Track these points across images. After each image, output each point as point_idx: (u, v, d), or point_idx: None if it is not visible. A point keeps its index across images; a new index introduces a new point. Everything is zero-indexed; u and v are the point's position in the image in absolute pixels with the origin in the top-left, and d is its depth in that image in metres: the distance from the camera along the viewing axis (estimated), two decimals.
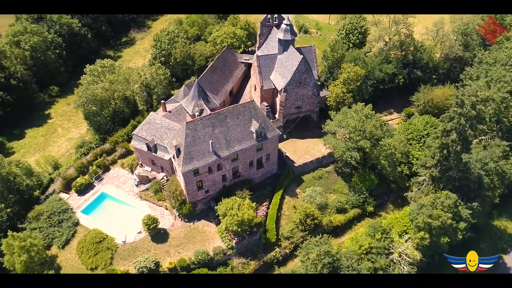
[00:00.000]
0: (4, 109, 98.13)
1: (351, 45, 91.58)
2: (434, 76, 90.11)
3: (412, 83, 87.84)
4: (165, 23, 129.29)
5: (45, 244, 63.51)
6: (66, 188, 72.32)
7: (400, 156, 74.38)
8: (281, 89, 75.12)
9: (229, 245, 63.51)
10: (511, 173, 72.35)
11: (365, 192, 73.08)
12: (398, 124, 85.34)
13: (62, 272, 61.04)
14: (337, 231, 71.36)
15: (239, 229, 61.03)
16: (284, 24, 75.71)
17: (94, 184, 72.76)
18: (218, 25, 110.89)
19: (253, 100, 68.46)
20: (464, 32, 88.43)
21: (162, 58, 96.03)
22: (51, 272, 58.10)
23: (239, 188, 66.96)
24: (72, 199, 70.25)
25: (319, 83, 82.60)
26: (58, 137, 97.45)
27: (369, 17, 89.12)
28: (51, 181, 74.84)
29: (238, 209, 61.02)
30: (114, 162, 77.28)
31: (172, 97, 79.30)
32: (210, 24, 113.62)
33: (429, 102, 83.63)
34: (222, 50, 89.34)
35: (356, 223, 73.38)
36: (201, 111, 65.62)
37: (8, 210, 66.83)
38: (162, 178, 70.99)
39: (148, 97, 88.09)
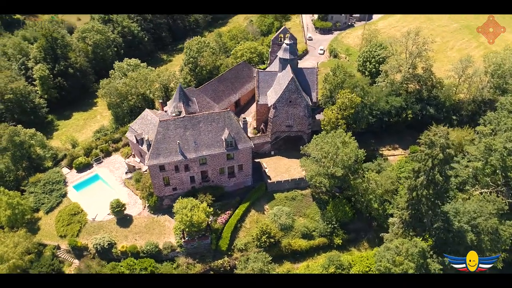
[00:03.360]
0: (60, 93, 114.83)
1: (366, 73, 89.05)
2: (454, 117, 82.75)
3: (426, 121, 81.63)
4: (227, 34, 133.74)
5: (34, 207, 73.33)
6: (71, 164, 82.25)
7: (380, 192, 70.14)
8: (271, 105, 76.38)
9: (178, 242, 66.29)
10: (506, 236, 63.09)
11: (334, 223, 70.08)
12: (399, 160, 79.94)
13: (37, 234, 69.69)
14: (296, 255, 69.46)
15: (187, 229, 63.62)
16: (285, 43, 77.20)
17: (93, 165, 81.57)
18: (258, 41, 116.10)
19: (229, 109, 70.96)
20: (494, 73, 79.92)
21: (190, 65, 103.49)
22: (24, 231, 66.79)
23: (204, 192, 69.40)
24: (71, 174, 79.76)
25: (318, 105, 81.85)
26: (95, 122, 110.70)
27: (389, 46, 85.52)
28: (65, 156, 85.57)
29: (191, 210, 63.64)
30: (117, 150, 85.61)
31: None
32: (249, 39, 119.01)
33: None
34: (238, 63, 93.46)
35: (321, 253, 70.45)
36: (179, 113, 70.15)
37: (18, 173, 78.88)
38: (146, 170, 76.79)
39: (165, 97, 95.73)
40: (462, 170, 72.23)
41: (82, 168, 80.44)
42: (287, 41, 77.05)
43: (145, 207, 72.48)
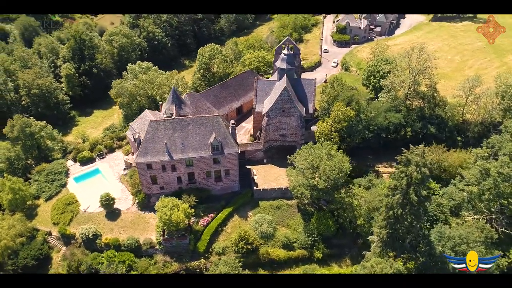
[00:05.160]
0: (84, 91, 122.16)
1: (370, 88, 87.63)
2: (459, 138, 79.26)
3: (427, 140, 78.65)
4: (244, 42, 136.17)
5: (36, 194, 78.34)
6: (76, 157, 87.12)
7: (366, 209, 68.39)
8: (264, 113, 77.05)
9: (158, 240, 68.09)
10: (493, 267, 59.00)
11: (315, 236, 69.01)
12: None
13: (34, 219, 74.35)
14: (274, 265, 68.92)
15: (165, 227, 65.40)
16: (283, 53, 77.89)
17: (96, 159, 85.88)
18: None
19: (219, 114, 72.38)
20: (505, 95, 75.76)
21: (202, 71, 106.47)
22: (20, 215, 71.60)
23: (190, 193, 70.93)
24: (74, 167, 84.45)
25: (315, 116, 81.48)
26: (111, 120, 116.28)
27: (393, 62, 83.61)
28: (73, 149, 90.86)
29: (171, 209, 65.36)
30: (120, 147, 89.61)
31: None
32: (266, 49, 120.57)
33: (436, 164, 74.05)
34: (244, 70, 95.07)
35: (301, 265, 69.54)
36: (171, 115, 72.59)
37: (28, 161, 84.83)
38: None
39: None
40: (457, 193, 68.91)
41: (85, 161, 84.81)
42: (285, 51, 77.69)
43: (134, 203, 75.17)
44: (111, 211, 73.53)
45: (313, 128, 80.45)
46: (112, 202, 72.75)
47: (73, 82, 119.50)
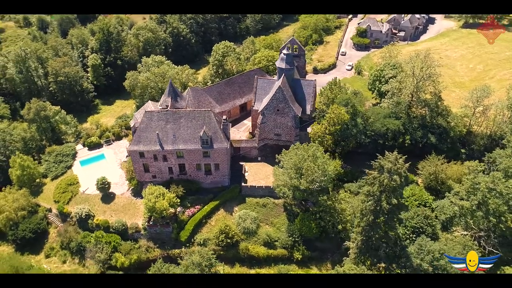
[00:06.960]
0: (108, 81, 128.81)
1: (376, 92, 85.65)
2: (463, 150, 75.58)
3: (428, 149, 75.79)
4: (263, 42, 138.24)
5: (44, 173, 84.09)
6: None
7: (349, 214, 67.30)
8: (259, 112, 77.65)
9: (143, 225, 70.86)
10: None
11: (296, 237, 68.69)
12: None
13: (39, 196, 79.91)
14: (253, 261, 69.44)
15: (149, 214, 68.00)
16: (283, 53, 77.99)
17: (103, 145, 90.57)
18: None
19: (210, 109, 73.85)
20: None
21: (214, 67, 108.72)
22: (25, 190, 77.14)
23: (180, 184, 73.08)
24: (82, 151, 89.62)
25: (312, 117, 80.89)
26: (129, 110, 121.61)
27: (399, 67, 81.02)
28: (84, 135, 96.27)
29: (157, 197, 67.85)
30: (127, 135, 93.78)
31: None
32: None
33: (432, 175, 71.37)
34: (252, 69, 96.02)
35: (280, 264, 69.44)
36: (166, 107, 75.08)
37: (43, 143, 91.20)
38: None
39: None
40: (448, 207, 65.87)
41: (93, 146, 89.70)
42: (284, 51, 77.80)
43: (128, 189, 78.58)
44: (107, 195, 77.36)
45: (309, 129, 79.86)
46: (107, 186, 76.51)
47: (99, 72, 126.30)
